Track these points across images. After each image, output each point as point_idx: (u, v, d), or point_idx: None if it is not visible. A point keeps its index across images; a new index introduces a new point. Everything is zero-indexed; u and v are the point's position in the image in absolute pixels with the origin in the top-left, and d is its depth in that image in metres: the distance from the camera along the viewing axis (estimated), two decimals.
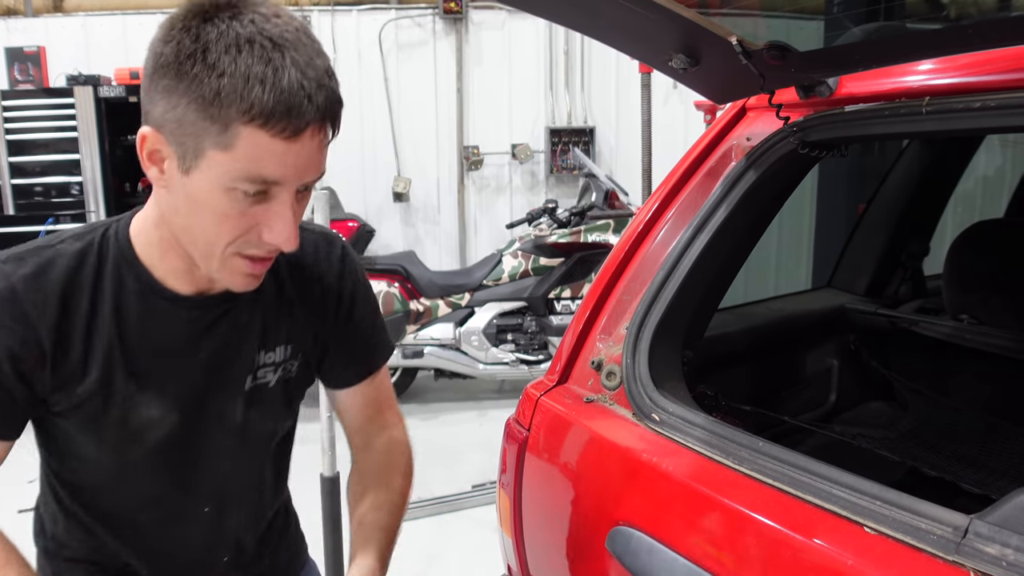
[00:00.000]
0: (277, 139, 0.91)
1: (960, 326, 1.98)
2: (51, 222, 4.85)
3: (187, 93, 0.90)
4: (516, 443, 1.55)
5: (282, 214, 0.97)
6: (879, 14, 1.38)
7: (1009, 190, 3.63)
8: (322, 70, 0.94)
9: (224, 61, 0.88)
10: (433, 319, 4.83)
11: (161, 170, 0.97)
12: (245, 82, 0.88)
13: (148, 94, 0.95)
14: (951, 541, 0.90)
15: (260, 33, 0.90)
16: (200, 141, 0.91)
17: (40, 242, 1.05)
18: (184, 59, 0.89)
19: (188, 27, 0.90)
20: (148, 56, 0.95)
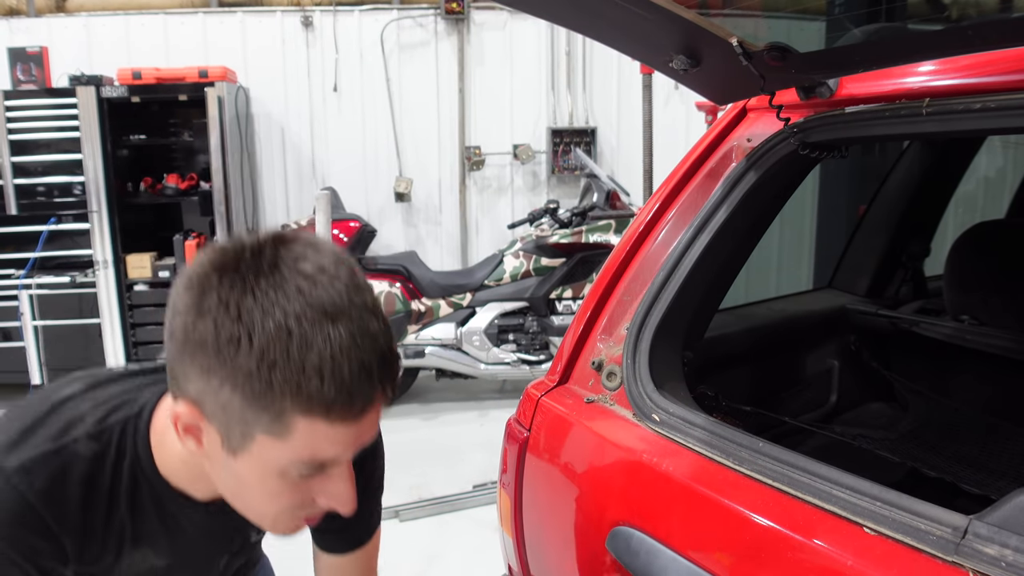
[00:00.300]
0: (337, 425, 0.83)
1: (961, 327, 1.98)
2: (53, 221, 4.86)
3: (231, 379, 0.81)
4: (517, 443, 1.55)
5: (340, 483, 0.91)
6: (880, 15, 1.38)
7: (1010, 191, 3.63)
8: (379, 334, 0.84)
9: (274, 349, 0.78)
10: (434, 319, 4.84)
11: (199, 442, 0.89)
12: (301, 373, 0.79)
13: (178, 361, 0.85)
14: (950, 542, 0.90)
15: (309, 305, 0.80)
16: (248, 428, 0.83)
17: (50, 441, 0.95)
18: (225, 343, 0.80)
19: (225, 302, 0.80)
20: (175, 321, 0.85)
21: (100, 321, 4.98)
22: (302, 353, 0.79)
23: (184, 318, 0.83)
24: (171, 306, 0.86)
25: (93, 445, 0.97)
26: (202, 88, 4.88)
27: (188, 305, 0.83)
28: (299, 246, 0.85)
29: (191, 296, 0.83)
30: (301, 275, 0.81)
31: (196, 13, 5.64)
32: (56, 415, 0.98)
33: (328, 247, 0.88)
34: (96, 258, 4.92)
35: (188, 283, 0.84)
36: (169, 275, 5.07)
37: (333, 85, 5.75)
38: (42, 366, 4.90)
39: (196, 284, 0.83)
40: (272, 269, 0.82)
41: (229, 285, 0.81)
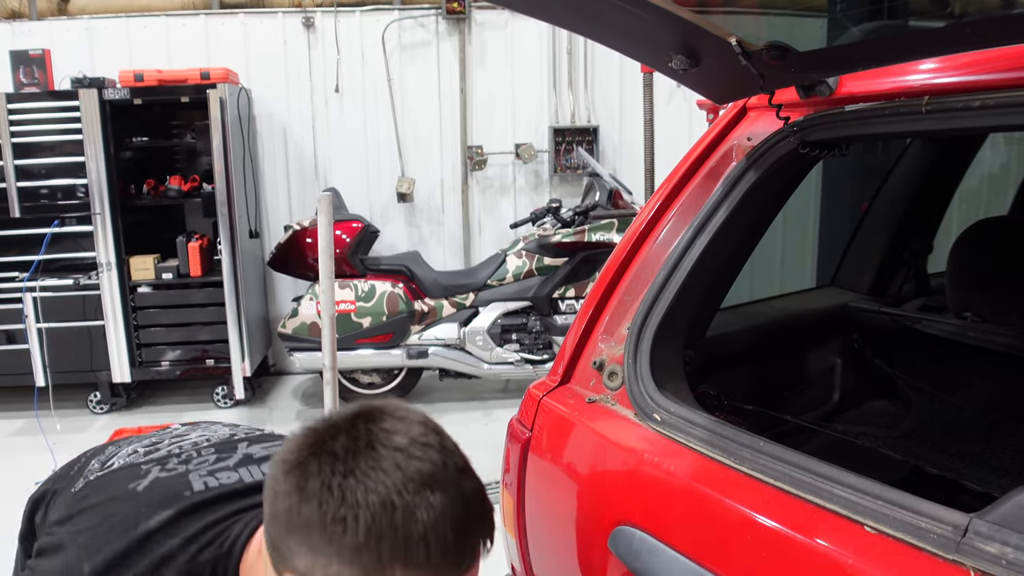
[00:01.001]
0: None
1: (963, 324, 1.98)
2: (57, 224, 4.87)
3: (339, 556, 0.83)
4: (519, 443, 1.55)
5: None
6: (880, 13, 1.38)
7: (1013, 187, 3.62)
8: (473, 495, 0.89)
9: (381, 523, 0.82)
10: (438, 319, 4.84)
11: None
12: (406, 543, 0.82)
13: (283, 539, 0.88)
14: (951, 540, 0.90)
15: (409, 479, 0.84)
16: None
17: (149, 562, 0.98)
18: (331, 523, 0.83)
19: (327, 484, 0.84)
20: (277, 504, 0.88)
21: (104, 323, 4.99)
22: (407, 524, 0.82)
23: (288, 501, 0.86)
24: (271, 489, 0.89)
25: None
26: (204, 90, 4.89)
27: (290, 489, 0.86)
28: (389, 421, 0.89)
29: (292, 480, 0.86)
30: (396, 449, 0.85)
31: (198, 15, 5.65)
32: (144, 552, 0.99)
33: (416, 416, 0.91)
34: (99, 260, 4.93)
35: (287, 467, 0.87)
36: (172, 277, 5.08)
37: (335, 86, 5.75)
38: (46, 368, 4.91)
39: (296, 469, 0.86)
40: (368, 448, 0.85)
41: (330, 470, 0.84)
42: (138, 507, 1.04)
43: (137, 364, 5.10)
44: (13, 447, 4.56)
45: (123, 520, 1.02)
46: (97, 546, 1.00)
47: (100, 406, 5.13)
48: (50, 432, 4.46)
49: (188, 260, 5.05)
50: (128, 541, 0.99)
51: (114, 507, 1.05)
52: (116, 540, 0.99)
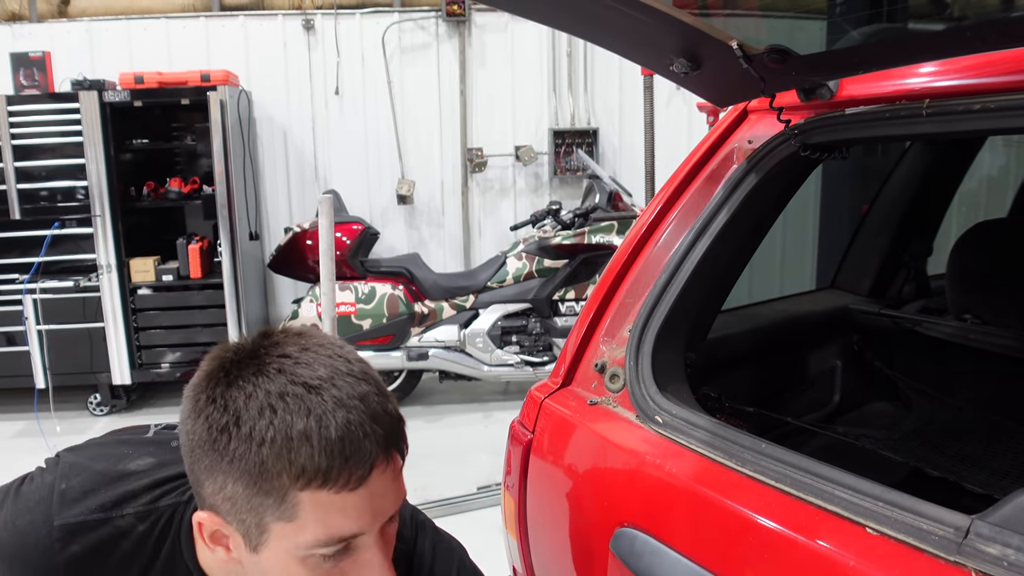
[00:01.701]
0: (343, 493, 0.82)
1: (964, 326, 1.98)
2: (57, 226, 4.87)
3: (230, 471, 0.82)
4: (520, 445, 1.56)
5: (372, 563, 0.87)
6: (881, 16, 1.38)
7: (1013, 189, 3.62)
8: (370, 396, 0.85)
9: (260, 427, 0.80)
10: (438, 321, 4.84)
11: (227, 549, 0.90)
12: (288, 443, 0.80)
13: (193, 475, 0.88)
14: (952, 542, 0.90)
15: (291, 382, 0.82)
16: (260, 517, 0.83)
17: (100, 510, 0.96)
18: (218, 434, 0.82)
19: (213, 397, 0.83)
20: (181, 433, 0.88)
21: (104, 325, 4.99)
22: (287, 425, 0.80)
23: (186, 425, 0.87)
24: (180, 426, 0.89)
25: (139, 524, 0.98)
26: (204, 92, 4.89)
27: (187, 412, 0.87)
28: (283, 336, 0.88)
29: (189, 404, 0.87)
30: (283, 356, 0.84)
31: (198, 17, 5.65)
32: (116, 486, 0.99)
33: (318, 332, 0.90)
34: (100, 262, 4.93)
35: (188, 393, 0.88)
36: (173, 279, 5.09)
37: (335, 88, 5.76)
38: (46, 370, 4.91)
39: (192, 391, 0.87)
40: (252, 359, 0.85)
41: (215, 383, 0.84)
42: (130, 449, 1.06)
43: (137, 366, 5.11)
44: (13, 449, 4.56)
45: (111, 459, 1.04)
46: (78, 470, 1.01)
47: (100, 408, 5.13)
48: (50, 434, 4.46)
49: (188, 262, 5.06)
50: (106, 476, 1.00)
51: (112, 444, 1.08)
52: (98, 473, 1.01)
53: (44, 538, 0.96)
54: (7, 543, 0.97)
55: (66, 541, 0.95)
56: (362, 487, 0.83)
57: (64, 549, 0.95)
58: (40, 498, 0.99)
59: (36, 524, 0.97)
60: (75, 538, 0.96)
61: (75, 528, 0.96)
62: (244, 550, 0.88)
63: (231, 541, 0.89)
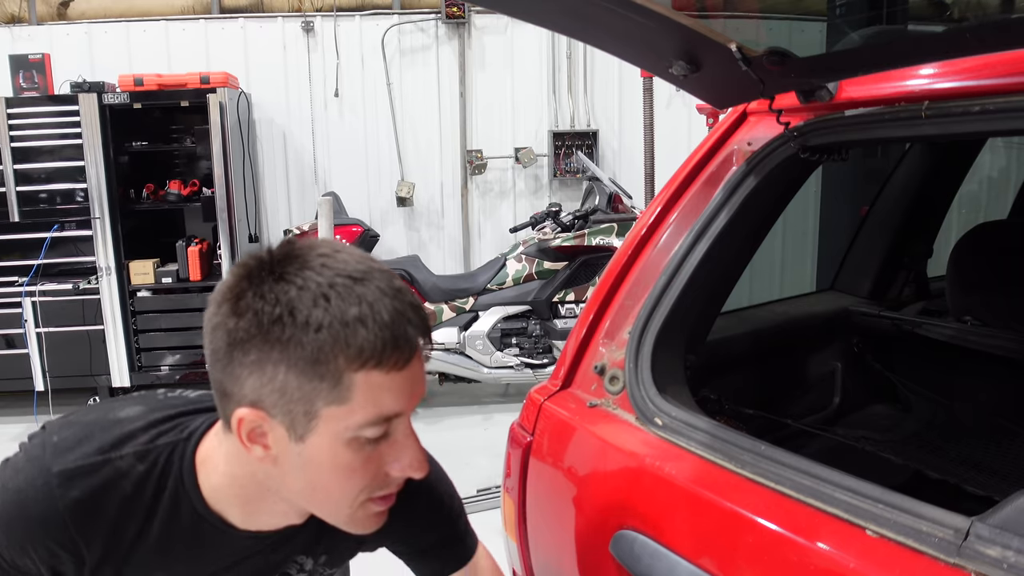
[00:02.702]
0: (392, 373, 0.87)
1: (964, 328, 1.98)
2: (56, 228, 4.87)
3: (283, 359, 0.85)
4: (520, 448, 1.56)
5: (407, 445, 0.94)
6: (880, 18, 1.39)
7: (1013, 191, 3.63)
8: (407, 291, 0.91)
9: (316, 315, 0.84)
10: (437, 323, 4.84)
11: (266, 446, 0.92)
12: (345, 328, 0.84)
13: (227, 373, 0.89)
14: (952, 543, 0.90)
15: (337, 274, 0.86)
16: (312, 404, 0.87)
17: (98, 453, 0.97)
18: (270, 325, 0.84)
19: (260, 292, 0.85)
20: (214, 336, 0.89)
21: (103, 328, 4.99)
22: (342, 311, 0.84)
23: (225, 325, 0.87)
24: (208, 325, 0.90)
25: (138, 464, 0.99)
26: (204, 94, 4.89)
27: (226, 314, 0.88)
28: (308, 242, 0.91)
29: (227, 305, 0.88)
30: (321, 256, 0.88)
31: (197, 19, 5.66)
32: (110, 430, 1.00)
33: (335, 240, 0.95)
34: (99, 265, 4.93)
35: (220, 298, 0.89)
36: (172, 281, 5.08)
37: (335, 90, 5.76)
38: (45, 373, 4.90)
39: (228, 294, 0.88)
40: (293, 259, 0.88)
41: (259, 282, 0.86)
42: (116, 403, 1.07)
43: (137, 368, 5.10)
44: (12, 452, 4.55)
45: (99, 411, 1.05)
46: (71, 424, 1.03)
47: None
48: None
49: (188, 264, 5.06)
50: (97, 424, 1.01)
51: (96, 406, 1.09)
52: (88, 423, 1.02)
53: (43, 487, 0.95)
54: (5, 505, 0.96)
55: (66, 487, 0.95)
56: (406, 368, 0.89)
57: (65, 495, 0.95)
58: (33, 456, 0.99)
59: (32, 476, 0.96)
60: (74, 482, 0.95)
61: (74, 472, 0.96)
62: (287, 442, 0.90)
63: (271, 437, 0.91)
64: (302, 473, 0.93)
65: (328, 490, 0.94)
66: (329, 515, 0.98)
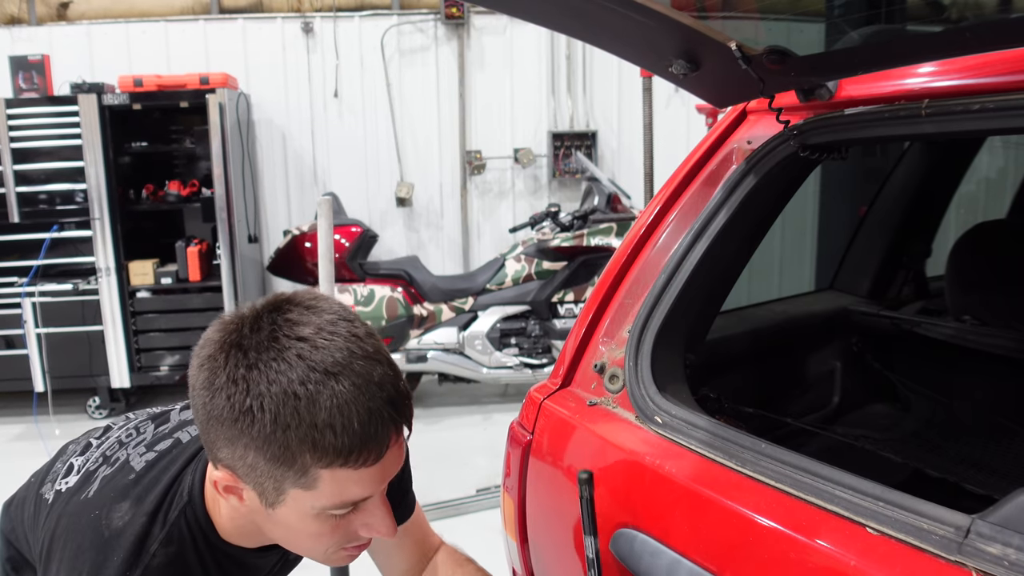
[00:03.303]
0: (360, 469, 0.89)
1: (963, 327, 1.98)
2: (56, 229, 4.87)
3: (252, 446, 0.88)
4: (520, 447, 1.56)
5: (377, 514, 0.98)
6: (879, 18, 1.39)
7: (1011, 191, 3.63)
8: (385, 379, 0.90)
9: (284, 413, 0.85)
10: (437, 323, 4.84)
11: (241, 499, 0.96)
12: (313, 430, 0.86)
13: (207, 434, 0.92)
14: (953, 541, 0.90)
15: (311, 368, 0.86)
16: (280, 483, 0.90)
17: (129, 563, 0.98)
18: (240, 415, 0.87)
19: (234, 378, 0.87)
20: (195, 398, 0.92)
21: (103, 328, 4.99)
22: (311, 412, 0.85)
23: (202, 396, 0.90)
24: (191, 383, 0.93)
25: (171, 550, 1.01)
26: (203, 95, 4.89)
27: (203, 384, 0.90)
28: (296, 312, 0.91)
29: (204, 375, 0.90)
30: (300, 340, 0.88)
31: (197, 20, 5.66)
32: (119, 544, 1.00)
33: (326, 304, 0.93)
34: (98, 265, 4.93)
35: (199, 362, 0.92)
36: (171, 282, 5.08)
37: (334, 91, 5.76)
38: (45, 374, 4.90)
39: (207, 364, 0.90)
40: (271, 341, 0.88)
41: (235, 363, 0.88)
42: (94, 517, 1.05)
43: (136, 369, 5.10)
44: (12, 452, 4.56)
45: (91, 536, 1.03)
46: (73, 553, 1.01)
47: (99, 411, 5.13)
48: (49, 438, 4.45)
49: (187, 265, 5.06)
50: (103, 548, 1.00)
51: (75, 530, 1.06)
52: (93, 552, 1.00)
53: None
54: None
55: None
56: (376, 464, 0.91)
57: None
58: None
59: None
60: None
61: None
62: (259, 504, 0.95)
63: (245, 494, 0.95)
64: (276, 529, 0.99)
65: (301, 546, 1.01)
66: (310, 557, 1.04)
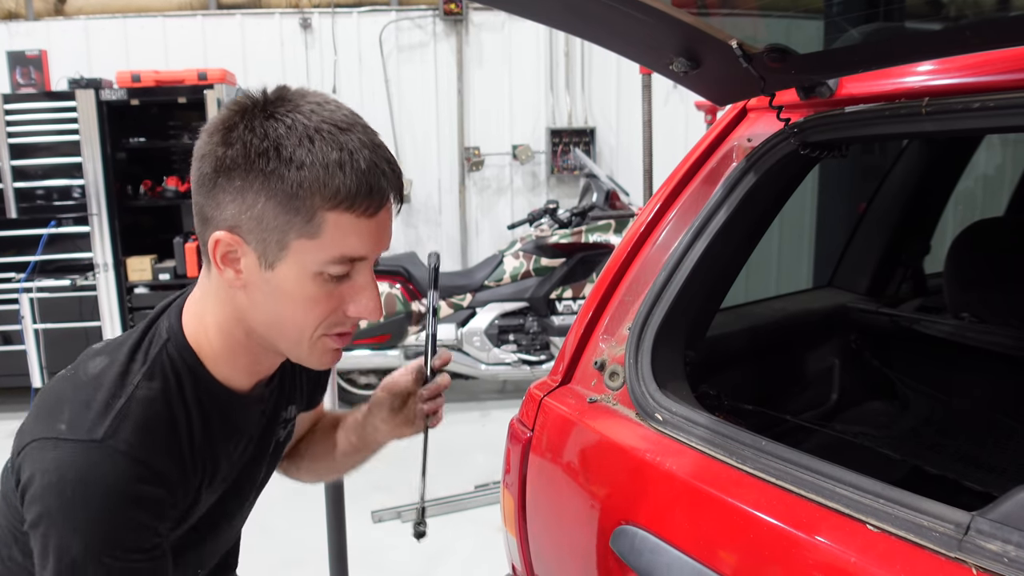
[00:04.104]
0: (361, 218, 0.94)
1: (961, 324, 1.99)
2: (53, 225, 4.87)
3: (265, 190, 0.92)
4: (520, 443, 1.56)
5: (366, 288, 1.01)
6: (879, 16, 1.39)
7: (1009, 188, 3.64)
8: (385, 147, 0.97)
9: (300, 153, 0.91)
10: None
11: (237, 271, 0.97)
12: (325, 170, 0.91)
13: (210, 198, 0.95)
14: (953, 538, 0.90)
15: (324, 121, 0.93)
16: (284, 235, 0.93)
17: (110, 400, 0.97)
18: (256, 157, 0.91)
19: (251, 127, 0.92)
20: (202, 163, 0.95)
21: (101, 324, 4.98)
22: (324, 153, 0.91)
23: (213, 153, 0.94)
24: (197, 154, 0.97)
25: (153, 383, 1.01)
26: (201, 90, 4.88)
27: (216, 143, 0.94)
28: (302, 89, 0.98)
29: (218, 135, 0.94)
30: (310, 103, 0.95)
31: (195, 15, 5.65)
32: (101, 384, 1.00)
33: (327, 93, 1.01)
34: (96, 261, 4.92)
35: (212, 130, 0.96)
36: (169, 278, 5.08)
37: (332, 87, 5.75)
38: (43, 369, 4.90)
39: (220, 126, 0.95)
40: (285, 101, 0.95)
41: (251, 117, 0.93)
42: (71, 373, 1.07)
43: None
44: (8, 449, 4.55)
45: (70, 385, 1.04)
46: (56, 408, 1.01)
47: None
48: None
49: (185, 261, 5.05)
50: (84, 389, 1.00)
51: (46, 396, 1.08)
52: (73, 395, 1.00)
53: (103, 457, 0.94)
54: (89, 498, 0.93)
55: (119, 440, 0.94)
56: (375, 217, 0.96)
57: (127, 445, 0.94)
58: (63, 454, 0.95)
59: (84, 460, 0.94)
60: (120, 433, 0.95)
61: (111, 427, 0.95)
62: (257, 270, 0.96)
63: (243, 263, 0.96)
64: (269, 301, 0.98)
65: (292, 319, 0.99)
66: (291, 347, 1.03)
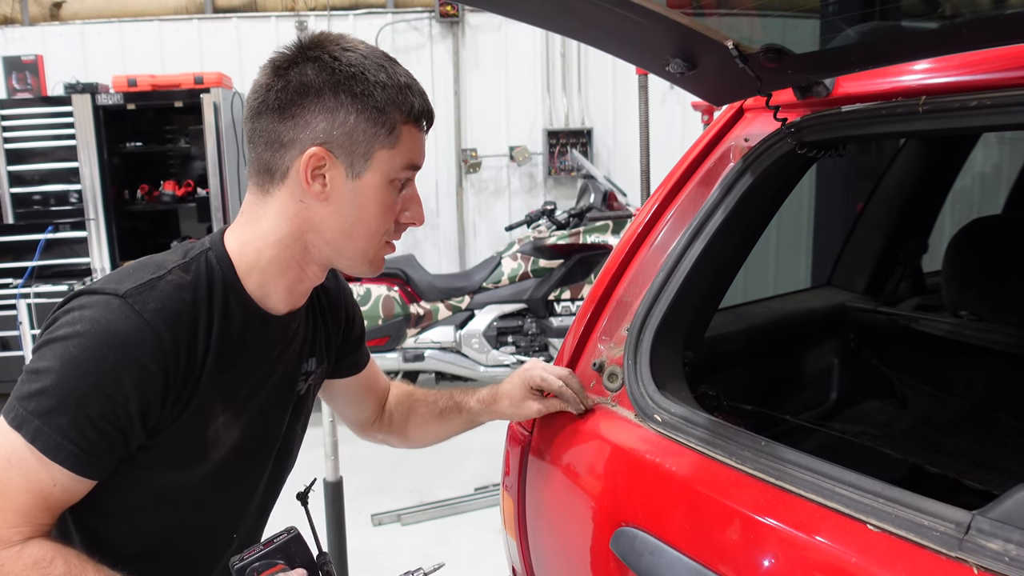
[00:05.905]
0: (421, 132, 1.14)
1: (959, 322, 1.98)
2: (51, 230, 4.86)
3: (355, 107, 1.07)
4: (519, 445, 1.56)
5: (416, 197, 1.19)
6: (875, 15, 1.39)
7: (1006, 186, 3.64)
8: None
9: (382, 77, 1.08)
10: (433, 322, 4.84)
11: (323, 184, 1.10)
12: (399, 91, 1.09)
13: (295, 121, 1.08)
14: (953, 537, 0.90)
15: (376, 55, 1.11)
16: (371, 146, 1.09)
17: (146, 273, 1.07)
18: (345, 79, 1.07)
19: (335, 55, 1.08)
20: (273, 93, 1.08)
21: None
22: (398, 77, 1.10)
23: (299, 78, 1.07)
24: (263, 89, 1.09)
25: (185, 275, 1.09)
26: (198, 94, 4.88)
27: (301, 70, 1.07)
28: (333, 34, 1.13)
29: (298, 68, 1.07)
30: (353, 40, 1.12)
31: (191, 19, 5.64)
32: (146, 265, 1.10)
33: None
34: (94, 266, 4.92)
35: (277, 66, 1.09)
36: None
37: None
38: None
39: (288, 61, 1.09)
40: (338, 38, 1.11)
41: (320, 50, 1.08)
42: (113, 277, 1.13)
43: None
44: None
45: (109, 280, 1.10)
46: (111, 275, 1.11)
47: None
48: None
49: None
50: (129, 266, 1.11)
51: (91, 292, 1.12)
52: (125, 268, 1.11)
53: (120, 308, 1.02)
54: (94, 339, 1.01)
55: (141, 301, 1.03)
56: (426, 132, 1.16)
57: (144, 307, 1.02)
58: (93, 301, 1.03)
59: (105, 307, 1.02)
60: (145, 296, 1.03)
61: (140, 289, 1.04)
62: (343, 180, 1.10)
63: (329, 176, 1.09)
64: (349, 209, 1.12)
65: (367, 225, 1.14)
66: (356, 254, 1.17)
